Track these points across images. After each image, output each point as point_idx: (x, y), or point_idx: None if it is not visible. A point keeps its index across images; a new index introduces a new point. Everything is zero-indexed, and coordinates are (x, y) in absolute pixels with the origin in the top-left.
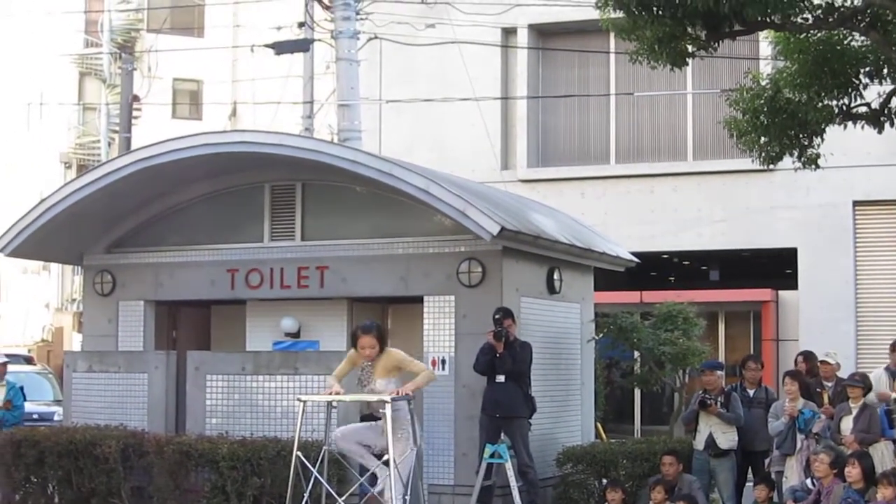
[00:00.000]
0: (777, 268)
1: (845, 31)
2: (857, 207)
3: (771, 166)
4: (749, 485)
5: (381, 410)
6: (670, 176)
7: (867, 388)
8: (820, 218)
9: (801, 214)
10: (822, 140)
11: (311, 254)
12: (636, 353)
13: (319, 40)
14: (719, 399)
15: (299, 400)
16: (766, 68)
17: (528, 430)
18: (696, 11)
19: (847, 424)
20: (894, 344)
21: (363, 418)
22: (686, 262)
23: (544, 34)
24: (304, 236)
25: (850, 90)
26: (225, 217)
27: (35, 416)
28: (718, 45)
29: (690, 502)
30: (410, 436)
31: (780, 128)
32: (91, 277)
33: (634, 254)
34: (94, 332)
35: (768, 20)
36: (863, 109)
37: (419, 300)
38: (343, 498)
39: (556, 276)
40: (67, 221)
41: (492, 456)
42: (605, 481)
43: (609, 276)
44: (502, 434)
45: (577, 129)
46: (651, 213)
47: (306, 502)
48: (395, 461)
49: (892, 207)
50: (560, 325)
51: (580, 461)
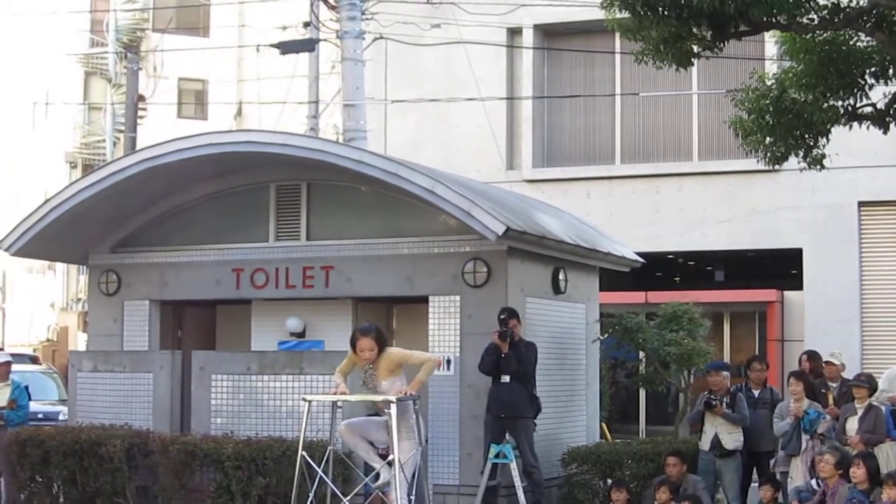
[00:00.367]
0: (782, 268)
1: (851, 32)
2: (862, 208)
3: (776, 167)
4: (754, 485)
5: (386, 411)
6: (675, 176)
7: (872, 389)
8: (825, 218)
9: (807, 215)
10: (828, 140)
11: (317, 254)
12: (641, 354)
13: (325, 40)
14: (725, 400)
15: (304, 400)
16: (771, 68)
17: (533, 430)
18: (701, 12)
19: (852, 425)
20: None
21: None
22: (691, 263)
23: (550, 34)
24: (309, 236)
25: (855, 90)
26: (230, 217)
27: (40, 416)
28: (724, 45)
29: (695, 503)
30: (416, 435)
31: (786, 128)
32: (96, 277)
33: (639, 254)
34: (100, 332)
35: (774, 20)
36: (868, 110)
37: (424, 300)
38: (348, 498)
39: (561, 277)
40: (73, 221)
41: (497, 456)
42: (609, 482)
43: (614, 277)
44: (507, 434)
45: (582, 129)
46: (656, 213)
47: (311, 502)
48: (400, 461)
49: None
50: (565, 326)
51: (585, 461)
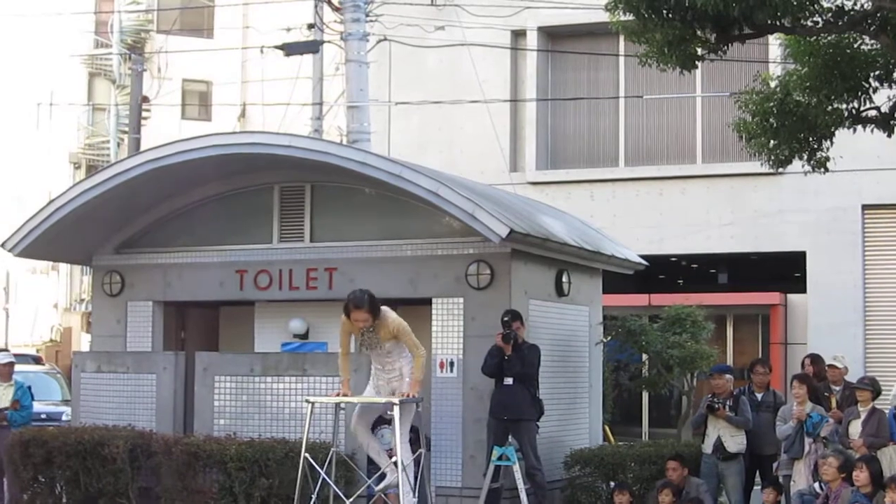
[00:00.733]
0: (786, 271)
1: (855, 35)
2: (865, 211)
3: (780, 170)
4: (757, 488)
5: (389, 413)
6: (679, 179)
7: (876, 392)
8: (829, 221)
9: (810, 218)
10: (832, 143)
11: (320, 255)
12: (644, 356)
13: (329, 42)
14: (728, 403)
15: (307, 401)
16: (775, 71)
17: (536, 432)
18: (705, 14)
19: (855, 428)
20: None
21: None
22: (694, 265)
23: (554, 37)
24: (312, 238)
25: (859, 94)
26: (234, 218)
27: (43, 416)
28: (728, 48)
29: None
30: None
31: (790, 131)
32: (100, 278)
33: (643, 256)
34: (103, 333)
35: (778, 23)
36: (872, 113)
37: (427, 302)
38: (350, 500)
39: (564, 279)
40: (76, 222)
41: (499, 458)
42: (612, 484)
43: (617, 279)
44: (510, 436)
45: (586, 131)
46: (660, 215)
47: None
48: (403, 462)
49: None
50: (568, 328)
51: (588, 464)
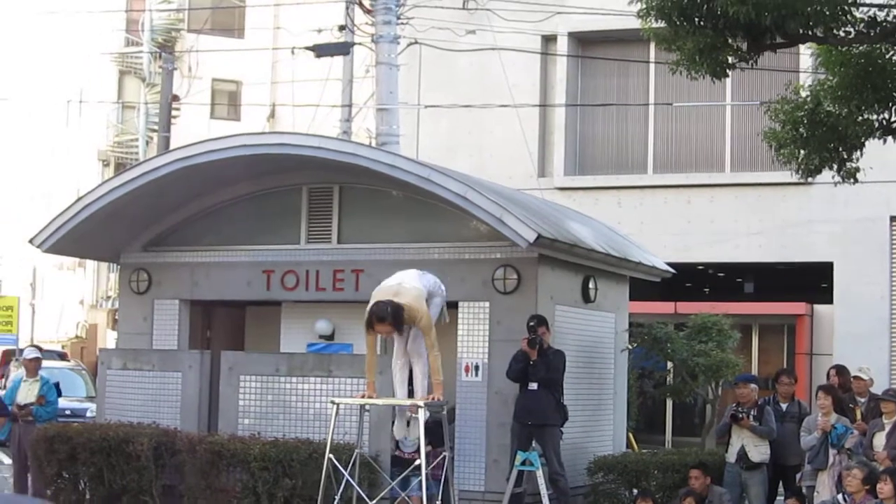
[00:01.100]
0: (812, 281)
1: (887, 46)
2: (894, 222)
3: (809, 179)
4: (780, 499)
5: (413, 415)
6: (707, 187)
7: None
8: (857, 232)
9: (838, 228)
10: (862, 154)
11: (347, 257)
12: (669, 364)
13: (360, 44)
14: (752, 412)
15: (333, 402)
16: (806, 81)
17: (560, 438)
18: (737, 23)
19: (880, 440)
20: None
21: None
22: (721, 274)
23: (584, 42)
24: (340, 239)
25: (890, 104)
26: (262, 218)
27: (68, 412)
28: (759, 56)
29: None
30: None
31: (820, 141)
32: (127, 275)
33: (669, 264)
34: (129, 330)
35: (810, 33)
36: None
37: (454, 306)
38: (374, 502)
39: (591, 285)
40: (105, 219)
41: (523, 463)
42: (635, 491)
43: (643, 287)
44: (534, 441)
45: (615, 138)
46: (687, 223)
47: None
48: (426, 462)
49: None
50: (594, 334)
51: (611, 470)
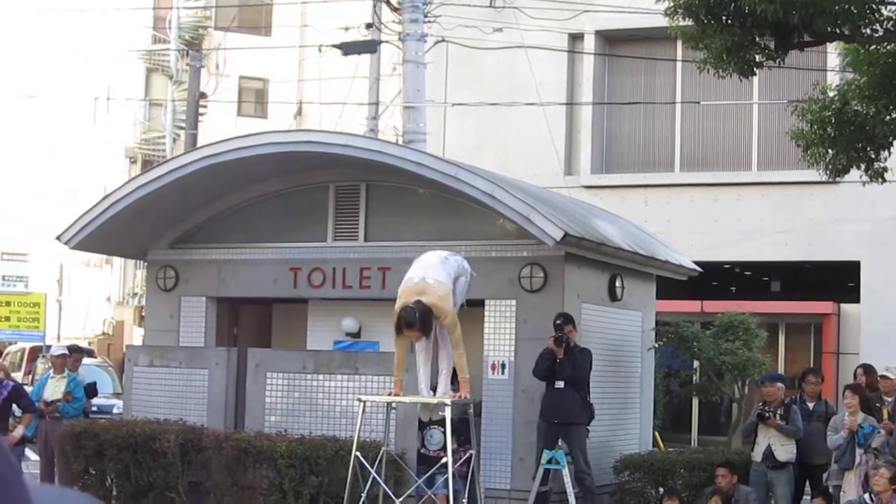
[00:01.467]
0: (839, 280)
1: None
2: None
3: (837, 179)
4: (806, 498)
5: (440, 413)
6: (734, 186)
7: None
8: (884, 231)
9: (866, 227)
10: (890, 153)
11: (374, 254)
12: (695, 363)
13: (387, 42)
14: (779, 411)
15: (359, 400)
16: (834, 80)
17: (586, 436)
18: (765, 21)
19: None
20: None
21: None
22: (748, 273)
23: (611, 41)
24: (367, 237)
25: None
26: (289, 216)
27: (94, 409)
28: (786, 55)
29: None
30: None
31: (848, 140)
32: (154, 272)
33: (696, 262)
34: (156, 327)
35: (838, 31)
36: None
37: (480, 304)
38: (401, 499)
39: (617, 284)
40: (132, 216)
41: (549, 462)
42: (661, 490)
43: (669, 285)
44: (560, 440)
45: (641, 136)
46: (714, 222)
47: (363, 502)
48: (452, 460)
49: None
50: (621, 333)
51: (637, 469)
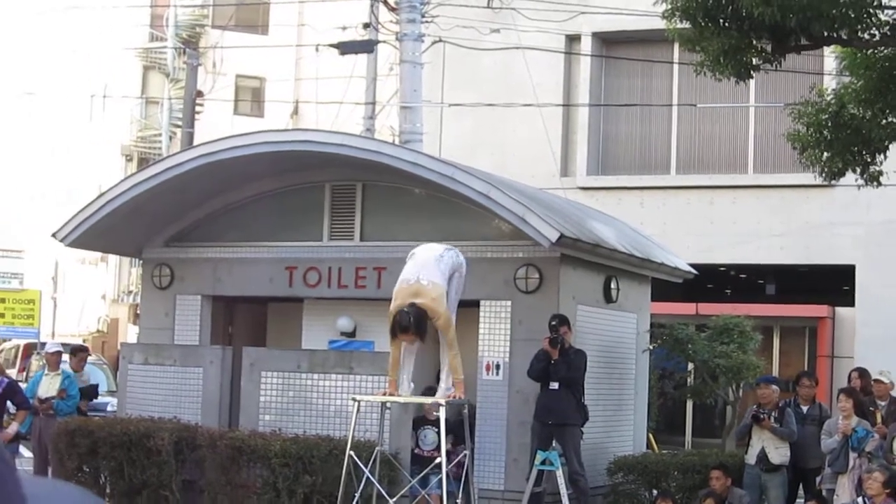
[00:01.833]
0: (834, 284)
1: None
2: None
3: (832, 182)
4: (800, 501)
5: (434, 413)
6: (730, 188)
7: None
8: (879, 235)
9: (861, 231)
10: (885, 157)
11: (370, 254)
12: (690, 365)
13: (384, 42)
14: (773, 414)
15: (354, 400)
16: (830, 83)
17: (580, 438)
18: (762, 24)
19: None
20: None
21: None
22: (743, 276)
23: (608, 42)
24: (362, 236)
25: None
26: (285, 215)
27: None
28: (783, 58)
29: None
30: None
31: (844, 143)
32: (149, 270)
33: (691, 265)
34: (151, 325)
35: (835, 35)
36: None
37: (475, 304)
38: (394, 499)
39: (613, 285)
40: (128, 214)
41: (543, 462)
42: (655, 492)
43: (664, 287)
44: (554, 441)
45: (638, 138)
46: (710, 224)
47: (357, 502)
48: (446, 461)
49: None
50: (616, 335)
51: (631, 471)
